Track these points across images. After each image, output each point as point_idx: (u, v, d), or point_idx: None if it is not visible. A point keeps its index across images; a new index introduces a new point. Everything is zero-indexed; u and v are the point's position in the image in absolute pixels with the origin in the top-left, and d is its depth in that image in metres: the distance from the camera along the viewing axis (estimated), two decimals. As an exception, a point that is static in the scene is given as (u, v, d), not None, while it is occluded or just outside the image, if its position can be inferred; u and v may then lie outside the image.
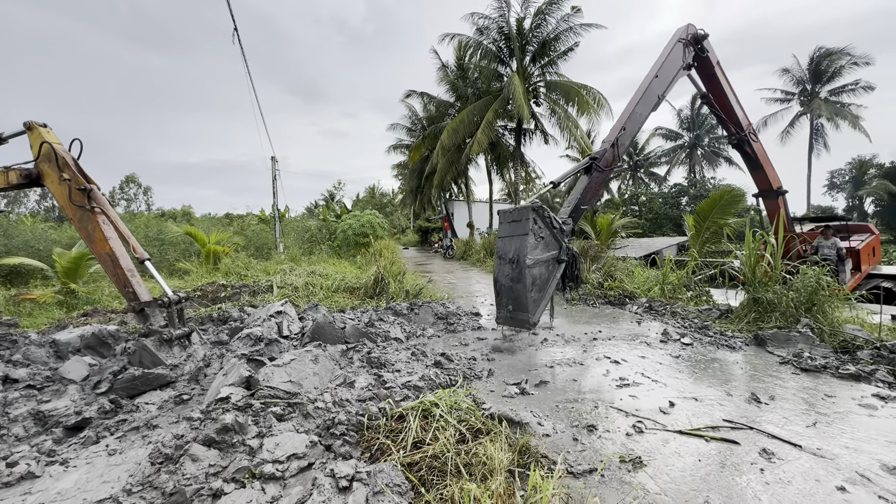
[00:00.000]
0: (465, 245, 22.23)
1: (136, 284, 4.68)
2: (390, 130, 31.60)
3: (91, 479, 2.51)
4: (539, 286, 5.05)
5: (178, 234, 15.37)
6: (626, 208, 37.38)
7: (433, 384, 3.75)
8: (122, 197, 64.87)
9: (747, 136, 7.99)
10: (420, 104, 29.40)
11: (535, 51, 20.92)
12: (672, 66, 6.76)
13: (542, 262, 5.08)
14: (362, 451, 2.78)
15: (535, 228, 5.03)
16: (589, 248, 10.31)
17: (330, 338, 4.70)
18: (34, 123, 4.98)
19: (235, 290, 8.95)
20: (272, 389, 3.28)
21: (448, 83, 25.19)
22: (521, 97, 18.36)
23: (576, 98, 19.40)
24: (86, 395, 3.86)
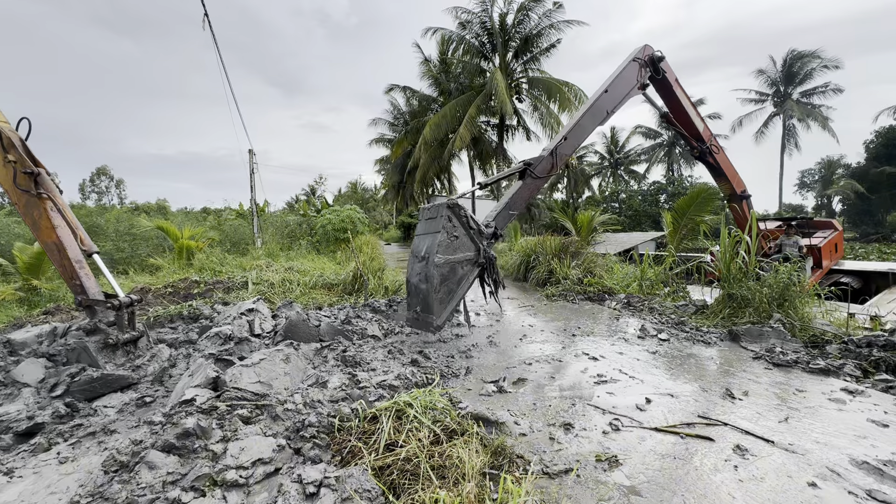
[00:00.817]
0: (447, 241, 22.13)
1: (85, 277, 4.41)
2: (372, 126, 31.24)
3: (37, 491, 2.35)
4: (448, 288, 4.73)
5: (150, 229, 14.85)
6: (607, 205, 37.90)
7: (409, 383, 3.66)
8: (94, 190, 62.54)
9: (709, 147, 8.16)
10: (403, 98, 29.13)
11: (517, 47, 20.90)
12: (624, 85, 6.86)
13: (454, 262, 4.76)
14: (333, 454, 2.68)
15: (449, 227, 4.79)
16: (569, 245, 10.34)
17: (304, 336, 4.55)
18: None
19: (209, 286, 8.66)
20: (240, 391, 3.15)
21: (431, 77, 24.99)
22: (503, 93, 18.33)
23: (557, 95, 19.48)
24: (40, 399, 3.64)
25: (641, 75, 6.91)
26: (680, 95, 7.75)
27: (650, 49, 7.08)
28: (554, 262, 9.72)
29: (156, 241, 15.82)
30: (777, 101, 39.42)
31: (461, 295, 4.83)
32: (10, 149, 4.42)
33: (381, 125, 31.42)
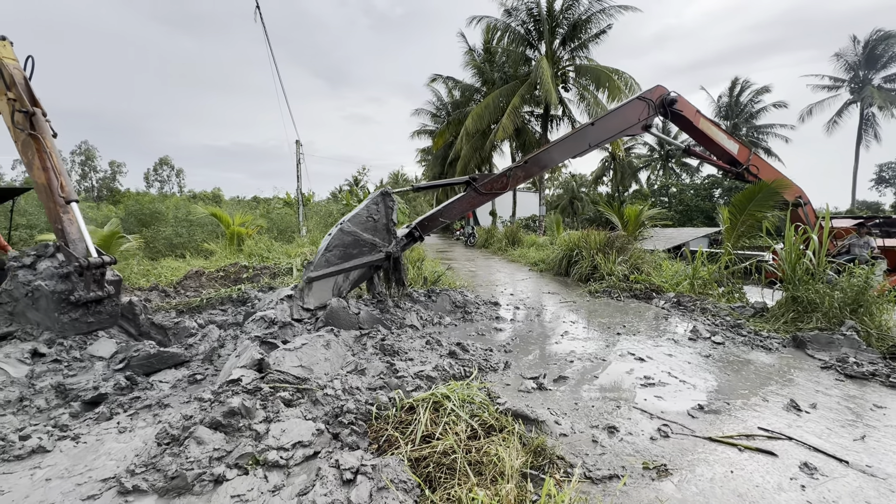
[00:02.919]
0: (487, 233, 21.98)
1: (67, 223, 4.42)
2: (415, 116, 31.33)
3: (99, 456, 2.51)
4: (340, 254, 4.92)
5: (205, 216, 15.68)
6: (655, 199, 36.19)
7: (447, 375, 3.62)
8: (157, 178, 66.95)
9: (749, 166, 7.57)
10: (445, 89, 28.99)
11: (565, 34, 20.18)
12: (619, 122, 6.48)
13: (360, 238, 5.00)
14: (370, 441, 2.68)
15: (373, 208, 5.07)
16: (615, 239, 9.92)
17: (344, 323, 4.63)
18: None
19: (256, 271, 9.04)
20: (282, 374, 3.22)
21: (474, 67, 24.68)
22: (549, 82, 17.79)
23: (606, 83, 18.67)
24: (107, 372, 3.91)
25: (645, 115, 6.56)
26: (705, 128, 7.27)
27: (662, 90, 6.67)
28: (598, 257, 9.37)
29: (210, 228, 16.73)
30: (855, 88, 35.89)
31: (346, 268, 4.97)
32: (11, 86, 4.47)
33: (424, 116, 31.49)
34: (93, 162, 62.70)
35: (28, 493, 2.14)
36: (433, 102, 30.73)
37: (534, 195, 36.90)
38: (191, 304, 6.77)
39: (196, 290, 8.15)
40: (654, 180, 44.86)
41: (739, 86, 39.89)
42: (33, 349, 4.20)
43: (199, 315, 6.16)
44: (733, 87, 40.54)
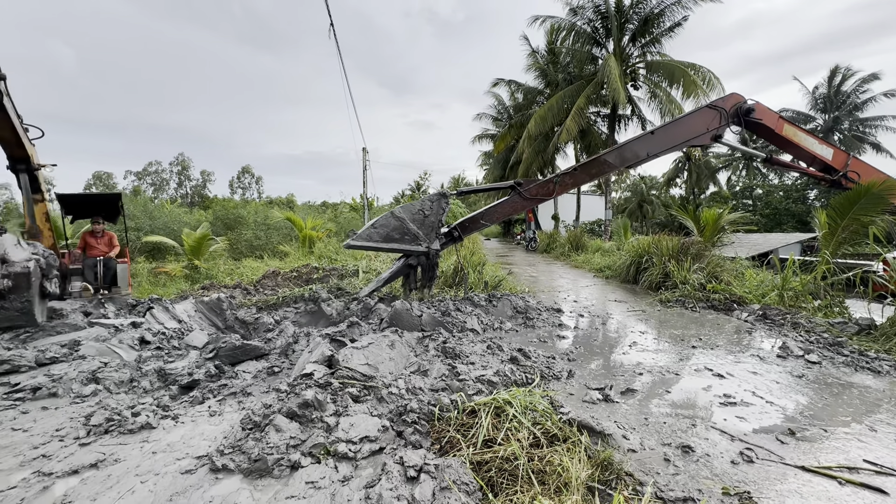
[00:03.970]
0: (549, 238, 21.48)
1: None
2: (476, 120, 31.48)
3: (194, 437, 2.80)
4: (382, 234, 5.05)
5: (280, 220, 16.87)
6: (737, 202, 33.22)
7: (508, 381, 3.60)
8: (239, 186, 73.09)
9: (847, 172, 6.67)
10: (507, 92, 28.82)
11: (635, 29, 19.25)
12: (683, 132, 5.87)
13: (406, 228, 5.11)
14: (432, 441, 2.74)
15: (427, 204, 5.22)
16: (690, 245, 9.24)
17: (407, 325, 4.76)
18: None
19: (326, 272, 9.57)
20: (350, 370, 3.39)
21: (537, 69, 24.31)
22: (617, 80, 17.06)
23: (681, 79, 17.51)
24: (199, 360, 4.35)
25: (715, 125, 5.94)
26: (790, 134, 6.51)
27: (737, 98, 6.01)
28: (670, 264, 8.80)
29: (284, 231, 18.00)
30: None
31: (384, 248, 5.09)
32: None
33: (485, 120, 31.52)
34: (187, 171, 69.95)
35: (139, 463, 2.45)
36: (494, 106, 30.70)
37: (599, 198, 35.47)
38: (268, 301, 7.32)
39: (272, 288, 8.81)
40: (735, 181, 41.22)
41: (840, 74, 35.48)
42: (141, 336, 4.79)
43: (276, 312, 6.65)
44: (833, 76, 36.15)
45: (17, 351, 3.94)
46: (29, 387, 3.48)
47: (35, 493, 2.18)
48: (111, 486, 2.24)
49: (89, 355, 4.12)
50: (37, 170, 6.73)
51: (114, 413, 2.97)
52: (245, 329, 5.85)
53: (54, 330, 4.86)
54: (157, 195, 63.25)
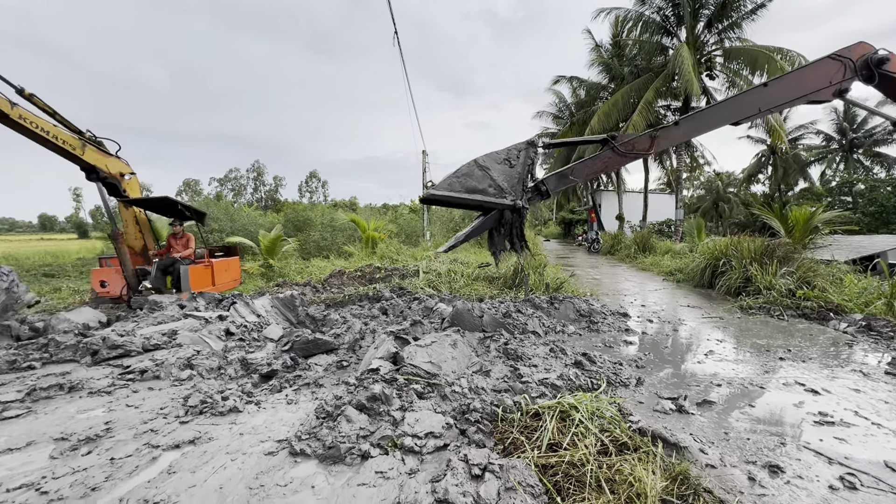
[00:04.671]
0: (613, 239, 20.54)
1: None
2: (536, 118, 30.88)
3: (274, 422, 3.03)
4: (464, 184, 4.33)
5: (345, 222, 17.67)
6: (833, 199, 29.68)
7: (572, 385, 3.52)
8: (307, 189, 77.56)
9: None
10: (568, 89, 27.98)
11: (711, 14, 17.89)
12: (801, 86, 4.99)
13: (489, 176, 4.40)
14: (495, 441, 2.75)
15: (514, 153, 4.49)
16: (776, 248, 8.42)
17: (468, 325, 4.80)
18: None
19: (388, 272, 9.89)
20: (415, 368, 3.49)
21: (601, 64, 23.37)
22: (690, 70, 15.96)
23: (766, 65, 16.00)
24: (276, 352, 4.70)
25: (839, 78, 5.07)
26: None
27: (866, 47, 5.09)
28: (752, 267, 8.07)
29: (348, 232, 18.85)
30: None
31: (465, 200, 4.46)
32: None
33: (545, 118, 30.84)
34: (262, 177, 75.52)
35: (229, 443, 2.70)
36: (555, 104, 29.93)
37: (669, 197, 33.35)
38: (335, 299, 7.72)
39: (339, 287, 9.27)
40: (830, 176, 36.82)
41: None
42: (226, 328, 5.26)
43: (342, 309, 7.00)
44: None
45: (128, 338, 4.50)
46: (137, 369, 3.95)
47: (146, 462, 2.49)
48: (206, 462, 2.49)
49: (185, 343, 4.60)
50: (106, 178, 7.51)
51: (207, 396, 3.30)
52: (315, 325, 6.21)
53: (155, 320, 5.48)
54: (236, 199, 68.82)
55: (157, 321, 5.35)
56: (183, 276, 7.78)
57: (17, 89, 6.14)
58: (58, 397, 3.42)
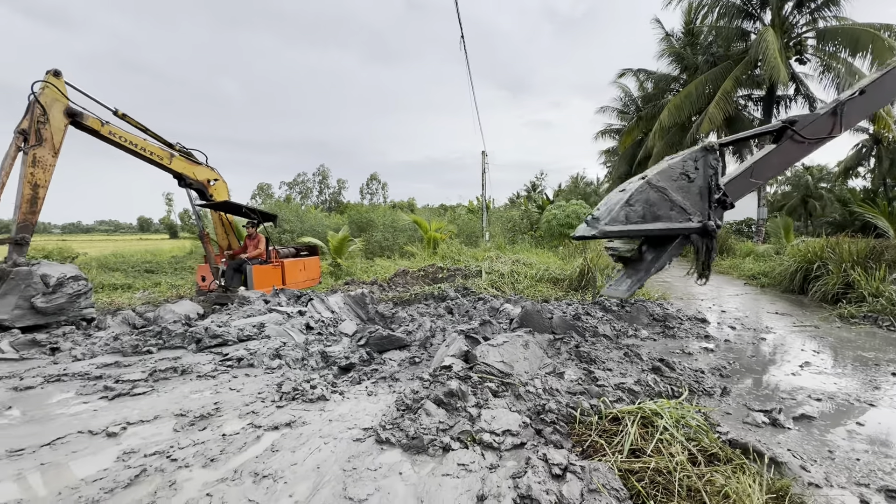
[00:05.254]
0: (683, 239, 19.30)
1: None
2: (599, 114, 29.75)
3: (358, 411, 3.23)
4: (641, 211, 3.50)
5: (408, 222, 18.16)
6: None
7: (651, 391, 3.40)
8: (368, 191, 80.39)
9: None
10: (635, 83, 26.69)
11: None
12: None
13: (668, 200, 3.53)
14: (573, 443, 2.75)
15: (690, 165, 3.66)
16: (883, 250, 7.49)
17: (537, 326, 4.79)
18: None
19: (450, 272, 10.05)
20: (487, 366, 3.56)
21: (672, 54, 22.05)
22: (776, 56, 14.62)
23: (869, 45, 14.26)
24: (352, 346, 4.99)
25: None
26: None
27: None
28: (855, 271, 7.26)
29: (409, 233, 19.34)
30: None
31: (648, 231, 3.60)
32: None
33: (609, 114, 29.62)
34: (327, 180, 79.42)
35: (320, 427, 2.93)
36: (620, 98, 28.66)
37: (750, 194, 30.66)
38: (402, 297, 7.99)
39: (403, 286, 9.57)
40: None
41: None
42: (306, 323, 5.65)
43: (409, 307, 7.24)
44: None
45: (224, 328, 4.99)
46: (235, 357, 4.38)
47: (252, 439, 2.77)
48: (303, 443, 2.72)
49: (272, 335, 5.01)
50: (192, 184, 8.25)
51: (298, 384, 3.59)
52: (384, 322, 6.48)
53: (245, 313, 6.02)
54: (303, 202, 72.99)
55: (246, 314, 5.87)
56: (248, 276, 8.33)
57: (113, 111, 7.06)
58: (173, 378, 3.89)
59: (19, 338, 4.80)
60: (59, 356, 4.55)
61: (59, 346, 4.74)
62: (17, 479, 2.39)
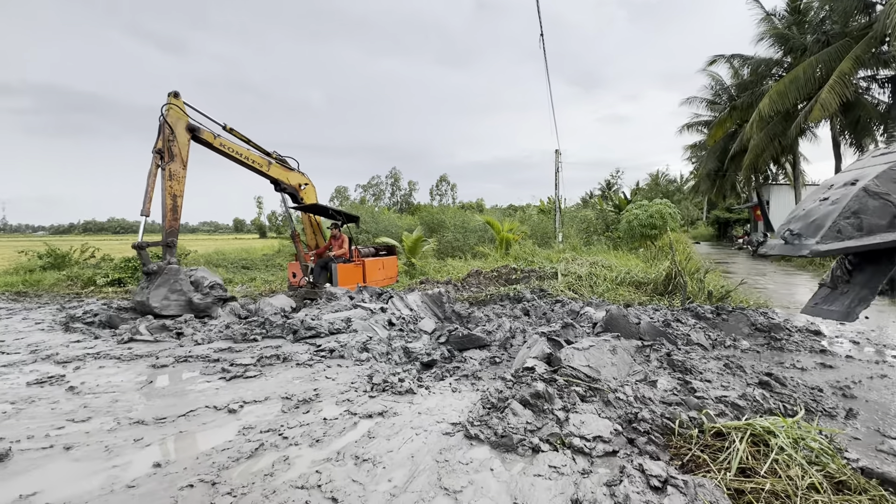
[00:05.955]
0: (786, 242, 17.24)
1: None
2: (684, 105, 27.55)
3: (445, 406, 3.34)
4: (859, 224, 2.89)
5: (479, 223, 18.23)
6: None
7: (759, 407, 3.11)
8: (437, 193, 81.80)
9: None
10: (727, 70, 24.34)
11: (946, -48, 13.77)
12: None
13: (889, 207, 2.86)
14: (670, 456, 2.61)
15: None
16: None
17: (623, 331, 4.58)
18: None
19: (525, 273, 9.94)
20: (573, 370, 3.48)
21: (773, 35, 19.78)
22: (910, 29, 12.54)
23: None
24: (432, 344, 5.13)
25: None
26: None
27: None
28: None
29: (479, 233, 19.40)
30: None
31: (867, 246, 2.94)
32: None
33: (697, 105, 27.26)
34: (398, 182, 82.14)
35: (410, 419, 3.07)
36: (710, 87, 26.31)
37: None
38: (477, 298, 8.06)
39: (477, 286, 9.64)
40: None
41: None
42: (389, 319, 5.92)
43: (485, 307, 7.28)
44: None
45: (317, 321, 5.39)
46: (327, 348, 4.72)
47: (350, 425, 2.98)
48: (396, 432, 2.88)
49: (359, 330, 5.33)
50: (286, 189, 8.96)
51: (386, 376, 3.79)
52: (460, 321, 6.58)
53: (333, 308, 6.45)
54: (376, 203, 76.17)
55: (334, 309, 6.29)
56: (333, 273, 8.91)
57: (222, 125, 7.92)
58: (276, 365, 4.29)
59: (153, 323, 5.58)
60: (184, 340, 5.22)
61: (183, 332, 5.44)
62: (162, 443, 2.79)
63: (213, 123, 7.72)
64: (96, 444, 2.74)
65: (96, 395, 3.56)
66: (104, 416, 3.13)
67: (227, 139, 7.91)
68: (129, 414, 3.17)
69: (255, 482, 2.31)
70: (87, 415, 3.17)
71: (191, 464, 2.50)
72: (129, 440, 2.79)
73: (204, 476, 2.36)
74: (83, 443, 2.76)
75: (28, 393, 3.60)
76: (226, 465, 2.48)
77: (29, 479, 2.36)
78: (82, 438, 2.81)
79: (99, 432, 2.90)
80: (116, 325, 5.88)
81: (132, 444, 2.73)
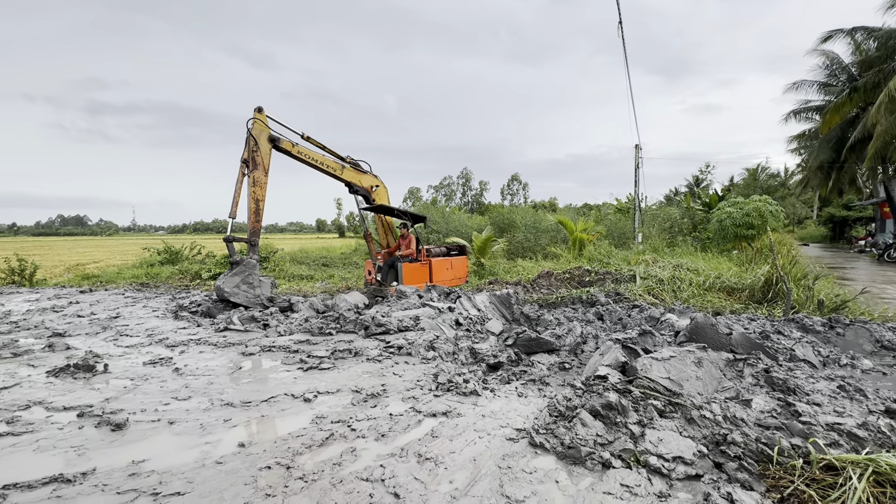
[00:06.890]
0: (925, 244, 14.57)
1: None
2: (790, 91, 24.35)
3: (509, 410, 3.26)
4: None
5: (551, 223, 17.69)
6: None
7: (885, 440, 2.63)
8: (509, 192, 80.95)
9: None
10: (847, 46, 21.09)
11: None
12: None
13: None
14: (766, 488, 2.29)
15: None
16: None
17: (711, 341, 4.14)
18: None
19: (599, 276, 9.43)
20: (651, 382, 3.21)
21: (910, 1, 16.78)
22: None
23: None
24: (499, 346, 5.06)
25: None
26: None
27: None
28: None
29: (552, 233, 18.79)
30: None
31: None
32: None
33: (806, 89, 23.95)
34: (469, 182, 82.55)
35: (474, 421, 3.04)
36: (823, 68, 22.99)
37: None
38: (547, 300, 7.81)
39: (548, 288, 9.34)
40: None
41: None
42: (456, 319, 5.94)
43: (555, 310, 7.03)
44: None
45: (387, 319, 5.57)
46: (395, 345, 4.85)
47: (414, 422, 3.02)
48: (459, 433, 2.86)
49: (426, 328, 5.41)
50: (358, 191, 9.33)
51: (451, 376, 3.79)
52: (529, 323, 6.42)
53: (402, 306, 6.62)
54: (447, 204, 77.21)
55: (403, 307, 6.46)
56: (399, 272, 9.11)
57: (300, 134, 8.48)
58: (348, 359, 4.50)
59: (244, 314, 6.15)
60: (269, 331, 5.68)
61: (269, 323, 5.93)
62: (247, 425, 3.04)
63: (292, 133, 8.32)
64: (193, 420, 3.07)
65: (196, 377, 3.99)
66: (201, 397, 3.50)
67: (305, 147, 8.48)
68: (221, 396, 3.51)
69: (324, 470, 2.42)
70: (188, 394, 3.56)
71: (269, 446, 2.70)
72: (220, 420, 3.08)
73: (280, 459, 2.52)
74: (183, 419, 3.10)
75: (144, 371, 4.14)
76: (299, 450, 2.64)
77: (140, 447, 2.70)
78: (183, 415, 3.16)
79: (196, 410, 3.24)
80: (214, 315, 6.58)
81: (222, 424, 3.02)
